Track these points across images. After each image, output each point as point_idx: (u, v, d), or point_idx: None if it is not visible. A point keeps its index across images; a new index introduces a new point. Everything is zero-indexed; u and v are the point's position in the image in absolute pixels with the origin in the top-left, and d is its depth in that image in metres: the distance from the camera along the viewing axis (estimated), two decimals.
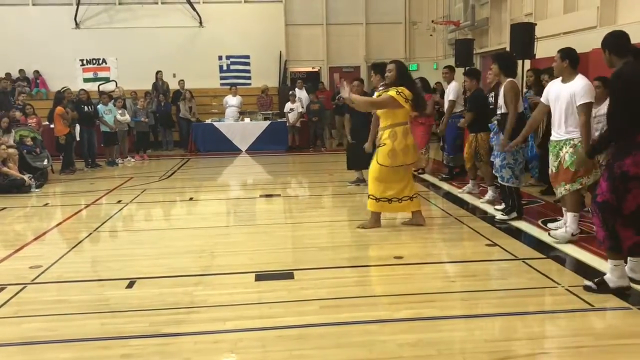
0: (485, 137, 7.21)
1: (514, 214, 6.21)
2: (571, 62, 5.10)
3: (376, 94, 6.10)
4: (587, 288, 4.07)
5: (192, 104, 14.89)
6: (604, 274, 4.10)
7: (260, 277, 4.60)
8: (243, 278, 4.62)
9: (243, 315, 3.84)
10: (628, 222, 3.90)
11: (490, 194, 7.33)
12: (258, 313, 3.85)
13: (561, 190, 5.23)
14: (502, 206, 6.50)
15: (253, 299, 4.12)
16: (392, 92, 5.68)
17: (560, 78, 5.18)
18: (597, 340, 3.39)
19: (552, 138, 5.29)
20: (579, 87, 4.98)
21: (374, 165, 5.91)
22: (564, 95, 5.07)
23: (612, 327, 3.60)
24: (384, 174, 5.86)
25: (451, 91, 8.86)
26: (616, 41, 4.10)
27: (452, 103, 8.84)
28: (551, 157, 5.32)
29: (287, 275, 4.63)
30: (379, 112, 5.96)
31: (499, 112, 6.21)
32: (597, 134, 5.23)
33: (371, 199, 5.97)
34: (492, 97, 7.10)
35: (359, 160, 8.08)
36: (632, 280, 4.08)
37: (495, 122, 6.35)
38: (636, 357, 3.14)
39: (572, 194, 5.18)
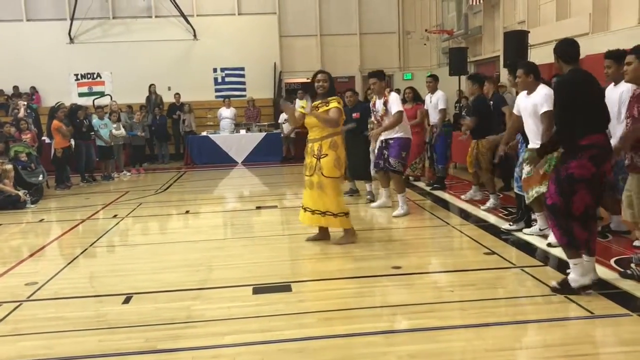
0: (487, 144, 7.21)
1: (522, 224, 6.16)
2: (535, 76, 5.40)
3: (311, 106, 5.85)
4: (552, 289, 4.19)
5: (188, 117, 14.96)
6: (606, 280, 4.12)
7: (258, 290, 4.57)
8: (241, 291, 4.58)
9: (242, 329, 3.80)
10: (580, 222, 4.03)
11: (491, 202, 7.33)
12: (257, 327, 3.82)
13: (532, 193, 5.44)
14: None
15: (251, 312, 4.08)
16: (335, 104, 5.67)
17: (526, 91, 5.45)
18: (598, 348, 3.38)
19: (530, 146, 5.40)
20: (540, 97, 5.27)
21: (327, 182, 5.65)
22: (530, 107, 5.37)
23: (612, 334, 3.57)
24: (339, 185, 5.80)
25: (441, 100, 8.86)
26: (566, 49, 4.23)
27: (444, 112, 8.85)
28: (525, 164, 5.44)
29: (285, 287, 4.60)
30: (314, 122, 5.71)
31: None
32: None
33: (341, 216, 5.77)
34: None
35: (352, 169, 8.05)
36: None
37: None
38: None
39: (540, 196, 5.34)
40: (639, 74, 4.22)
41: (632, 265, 4.45)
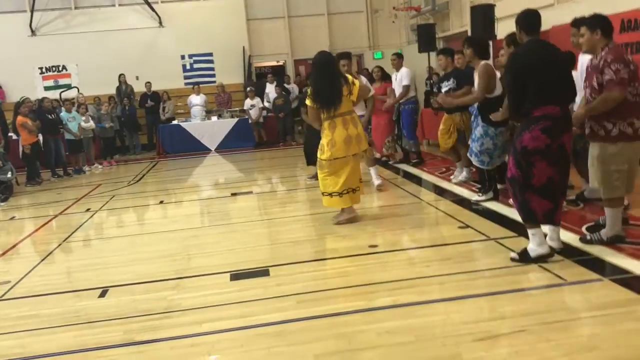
0: (469, 117, 7.17)
1: (490, 194, 6.25)
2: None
3: None
4: (512, 259, 4.29)
5: (168, 104, 14.88)
6: (577, 247, 4.18)
7: (236, 276, 4.56)
8: (218, 279, 4.56)
9: (220, 316, 3.79)
10: (541, 194, 4.11)
11: (464, 175, 7.40)
12: (235, 313, 3.81)
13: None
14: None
15: (229, 299, 4.07)
16: (307, 101, 5.76)
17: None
18: (573, 313, 3.44)
19: None
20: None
21: (319, 161, 5.81)
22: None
23: (585, 299, 3.64)
24: (334, 166, 5.71)
25: (404, 76, 8.87)
26: (526, 19, 4.25)
27: (407, 88, 8.87)
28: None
29: (263, 272, 4.59)
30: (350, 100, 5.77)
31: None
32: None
33: (335, 196, 5.78)
34: (449, 83, 7.13)
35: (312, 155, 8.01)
36: (551, 248, 4.23)
37: (476, 105, 6.29)
38: (610, 327, 3.18)
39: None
40: (593, 44, 4.25)
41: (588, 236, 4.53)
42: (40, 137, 11.48)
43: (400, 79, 8.91)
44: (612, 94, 4.07)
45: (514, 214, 5.57)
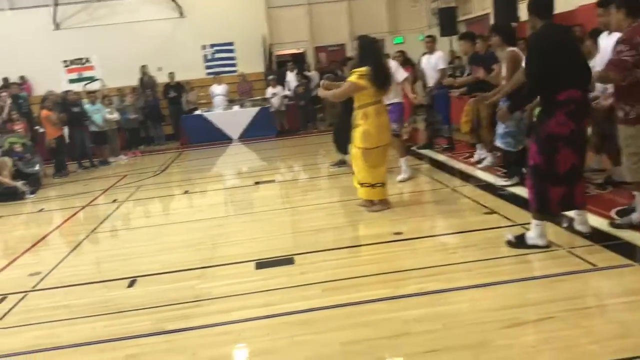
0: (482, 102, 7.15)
1: (516, 179, 6.17)
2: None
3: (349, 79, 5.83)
4: (507, 242, 4.33)
5: (191, 95, 14.94)
6: (607, 232, 4.12)
7: (261, 264, 4.58)
8: (243, 267, 4.59)
9: (246, 304, 3.81)
10: (561, 181, 4.04)
11: (488, 160, 7.32)
12: (261, 301, 3.83)
13: None
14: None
15: (255, 287, 4.09)
16: (352, 77, 5.61)
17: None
18: (602, 299, 3.40)
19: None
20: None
21: (355, 152, 5.75)
22: None
23: (615, 285, 3.59)
24: (371, 156, 5.68)
25: (440, 60, 8.76)
26: (539, 3, 4.16)
27: (443, 71, 8.75)
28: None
29: (288, 261, 4.60)
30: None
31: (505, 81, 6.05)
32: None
33: (366, 186, 5.77)
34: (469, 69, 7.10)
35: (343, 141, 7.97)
36: (580, 233, 4.25)
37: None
38: None
39: None
40: (619, 23, 4.16)
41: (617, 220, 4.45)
42: (66, 130, 11.65)
43: (435, 63, 8.77)
44: (606, 75, 4.09)
45: None
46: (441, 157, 8.59)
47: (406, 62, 9.27)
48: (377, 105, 5.66)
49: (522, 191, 5.90)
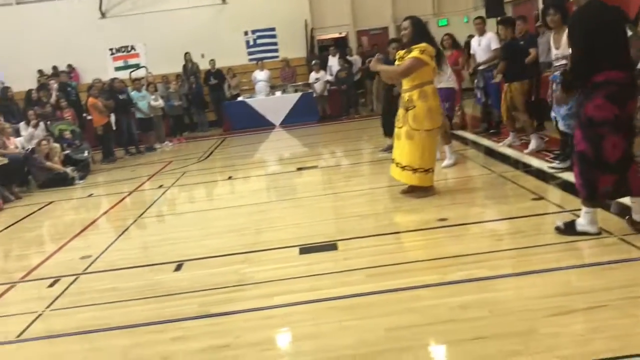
0: (519, 86, 7.09)
1: (568, 162, 6.00)
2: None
3: (397, 58, 5.72)
4: (556, 228, 4.20)
5: (234, 81, 15.05)
6: None
7: (305, 250, 4.60)
8: (287, 252, 4.62)
9: (290, 289, 3.84)
10: (612, 169, 3.86)
11: (533, 144, 7.15)
12: (305, 286, 3.85)
13: None
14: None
15: (299, 272, 4.12)
16: (415, 53, 5.36)
17: None
18: None
19: None
20: None
21: (415, 134, 5.47)
22: None
23: None
24: (433, 138, 5.56)
25: (493, 40, 8.51)
26: None
27: (497, 51, 8.53)
28: None
29: (331, 246, 4.61)
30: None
31: (560, 62, 5.81)
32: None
33: (420, 172, 5.57)
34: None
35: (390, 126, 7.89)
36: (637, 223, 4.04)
37: (558, 73, 5.99)
38: None
39: None
40: None
41: None
42: (113, 117, 11.92)
43: (487, 44, 8.53)
44: None
45: None
46: (486, 142, 8.42)
47: (455, 45, 9.09)
48: (433, 84, 5.58)
49: (572, 177, 5.74)
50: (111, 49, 16.78)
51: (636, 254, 3.70)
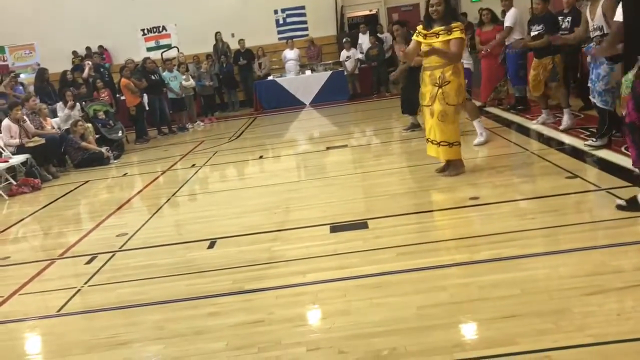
0: (562, 57, 6.97)
1: (605, 140, 5.89)
2: None
3: (420, 35, 5.50)
4: (618, 207, 4.07)
5: (264, 60, 15.06)
6: None
7: (335, 228, 4.63)
8: (318, 231, 4.66)
9: (321, 267, 3.88)
10: None
11: (566, 120, 7.03)
12: (336, 264, 3.88)
13: None
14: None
15: (330, 250, 4.15)
16: (458, 34, 5.26)
17: None
18: None
19: None
20: None
21: (450, 110, 5.43)
22: None
23: None
24: (459, 113, 5.60)
25: (509, 17, 8.43)
26: None
27: (509, 30, 8.41)
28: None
29: (362, 225, 4.62)
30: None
31: (595, 34, 5.68)
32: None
33: (456, 145, 5.57)
34: (567, 21, 6.83)
35: (413, 104, 7.83)
36: None
37: (594, 44, 5.85)
38: None
39: None
40: None
41: None
42: (145, 97, 12.06)
43: (505, 20, 8.50)
44: None
45: (628, 162, 5.24)
46: (519, 119, 8.29)
47: (494, 19, 8.96)
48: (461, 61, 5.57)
49: (609, 155, 5.65)
50: (142, 30, 16.90)
51: None
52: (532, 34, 7.27)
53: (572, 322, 2.76)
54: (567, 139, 6.64)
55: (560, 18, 7.19)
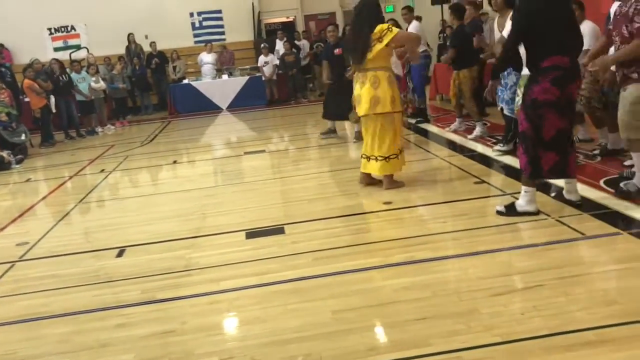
0: (468, 73, 7.24)
1: (511, 146, 6.19)
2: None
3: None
4: (498, 212, 4.34)
5: (178, 64, 14.72)
6: (596, 201, 4.19)
7: (251, 234, 4.57)
8: (234, 237, 4.58)
9: (237, 274, 3.81)
10: (549, 147, 4.06)
11: (478, 130, 7.33)
12: (252, 270, 3.83)
13: None
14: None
15: (246, 257, 4.09)
16: (396, 30, 5.10)
17: None
18: (591, 267, 3.42)
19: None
20: None
21: (390, 117, 5.22)
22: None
23: (604, 253, 3.61)
24: (397, 122, 5.34)
25: (412, 30, 8.70)
26: None
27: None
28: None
29: (278, 230, 4.60)
30: (380, 53, 5.12)
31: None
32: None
33: (393, 158, 5.31)
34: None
35: (336, 110, 7.92)
36: (569, 202, 4.32)
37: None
38: (630, 281, 3.16)
39: None
40: None
41: (621, 184, 4.47)
42: (53, 99, 11.46)
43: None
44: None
45: None
46: (432, 128, 8.57)
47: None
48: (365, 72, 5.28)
49: (513, 161, 5.94)
50: (50, 29, 16.09)
51: (572, 235, 3.85)
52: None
53: (481, 322, 2.86)
54: (473, 146, 6.93)
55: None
